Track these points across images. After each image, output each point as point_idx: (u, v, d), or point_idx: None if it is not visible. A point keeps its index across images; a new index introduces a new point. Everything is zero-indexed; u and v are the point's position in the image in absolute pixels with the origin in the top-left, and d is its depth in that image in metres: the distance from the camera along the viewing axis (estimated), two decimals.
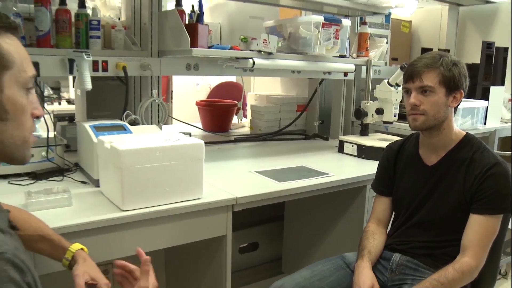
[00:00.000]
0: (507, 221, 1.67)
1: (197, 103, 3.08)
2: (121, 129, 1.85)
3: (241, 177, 1.98)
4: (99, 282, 1.18)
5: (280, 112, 3.05)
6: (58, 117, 2.88)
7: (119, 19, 2.31)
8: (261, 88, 3.47)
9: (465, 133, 1.70)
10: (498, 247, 1.68)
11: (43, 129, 1.89)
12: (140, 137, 1.63)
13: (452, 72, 1.58)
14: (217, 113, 3.04)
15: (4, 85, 0.85)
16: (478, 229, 1.56)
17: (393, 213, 1.84)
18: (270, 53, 2.19)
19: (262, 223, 2.83)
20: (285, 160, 2.33)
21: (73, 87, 2.26)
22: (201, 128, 3.02)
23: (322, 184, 1.94)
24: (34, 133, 0.96)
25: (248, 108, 3.22)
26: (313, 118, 3.09)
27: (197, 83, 5.06)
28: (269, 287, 1.72)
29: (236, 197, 1.68)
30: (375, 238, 1.75)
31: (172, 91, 4.44)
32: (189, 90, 4.87)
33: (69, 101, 4.42)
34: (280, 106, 3.04)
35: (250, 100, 3.24)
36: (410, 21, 3.64)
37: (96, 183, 1.73)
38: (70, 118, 2.48)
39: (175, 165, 1.55)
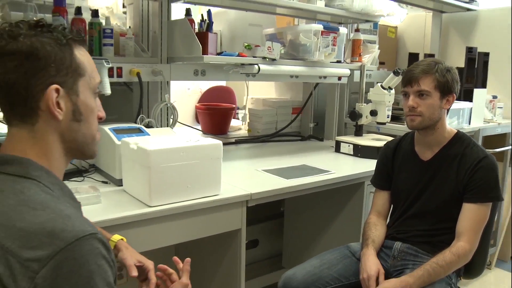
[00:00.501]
0: (494, 210, 1.85)
1: (197, 107, 3.21)
2: (138, 131, 1.98)
3: (251, 175, 2.12)
4: (145, 263, 1.31)
5: (277, 115, 3.19)
6: None
7: (129, 27, 2.42)
8: (256, 92, 3.60)
9: (456, 130, 1.88)
10: (487, 235, 1.86)
11: None
12: (162, 139, 1.76)
13: (446, 78, 1.77)
14: (217, 116, 3.17)
15: (80, 90, 0.98)
16: (471, 216, 1.74)
17: (392, 205, 2.00)
18: (274, 59, 2.34)
19: (262, 221, 2.96)
20: (286, 159, 2.48)
21: None
22: (201, 130, 3.15)
23: (326, 180, 2.09)
24: None
25: (245, 111, 3.35)
26: (308, 120, 3.25)
27: (188, 88, 5.15)
28: (281, 276, 1.86)
29: (250, 193, 1.82)
30: (377, 229, 1.91)
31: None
32: (181, 95, 4.97)
33: None
34: (276, 109, 3.19)
35: (247, 103, 3.38)
36: (396, 27, 3.82)
37: (118, 183, 1.85)
38: None
39: (196, 164, 1.68)
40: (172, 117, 2.35)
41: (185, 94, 5.10)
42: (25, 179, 0.91)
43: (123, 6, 2.55)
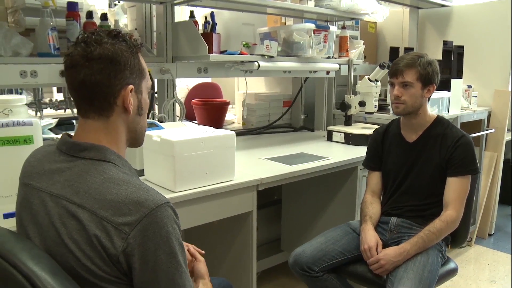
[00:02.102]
0: (474, 188, 2.11)
1: (193, 103, 3.37)
2: (154, 126, 2.14)
3: (256, 163, 2.32)
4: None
5: (269, 108, 3.39)
6: None
7: (135, 29, 2.58)
8: (245, 87, 3.77)
9: (436, 115, 2.15)
10: (468, 207, 2.11)
11: None
12: (180, 131, 1.94)
13: (427, 71, 2.02)
14: (213, 111, 3.34)
15: (142, 90, 1.18)
16: (455, 188, 2.00)
17: (384, 184, 2.23)
18: (272, 57, 2.53)
19: (260, 208, 3.14)
20: (283, 149, 2.68)
21: None
22: (198, 124, 3.31)
23: (325, 165, 2.30)
24: None
25: (237, 105, 3.54)
26: (299, 112, 3.46)
27: (176, 85, 5.30)
28: (291, 254, 2.06)
29: (260, 178, 2.02)
30: (373, 207, 2.14)
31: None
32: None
33: None
34: (269, 103, 3.38)
35: (239, 98, 3.56)
36: (375, 23, 4.05)
37: (139, 173, 2.01)
38: None
39: (214, 153, 1.87)
40: (181, 111, 2.52)
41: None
42: (104, 162, 1.10)
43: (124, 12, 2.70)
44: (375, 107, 2.86)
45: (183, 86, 5.44)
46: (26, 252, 1.01)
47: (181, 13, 2.99)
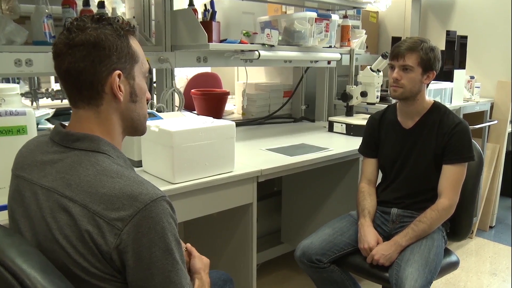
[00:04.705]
0: (479, 173, 2.09)
1: (192, 93, 3.33)
2: (152, 116, 2.09)
3: (257, 154, 2.28)
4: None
5: (269, 98, 3.34)
6: None
7: (133, 17, 2.53)
8: (245, 77, 3.73)
9: (434, 101, 2.11)
10: (473, 197, 2.09)
11: None
12: (178, 121, 1.90)
13: (429, 56, 1.98)
14: (212, 101, 3.30)
15: (135, 74, 1.12)
16: (449, 175, 1.97)
17: (381, 172, 2.21)
18: (272, 46, 2.48)
19: (260, 199, 3.11)
20: (284, 139, 2.63)
21: None
22: (197, 114, 3.27)
23: (326, 156, 2.26)
24: None
25: (237, 95, 3.49)
26: (299, 103, 3.41)
27: (175, 75, 5.26)
28: (297, 246, 2.03)
29: (260, 169, 1.98)
30: (371, 199, 2.11)
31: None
32: None
33: None
34: (269, 93, 3.34)
35: (239, 88, 3.51)
36: (377, 12, 3.99)
37: (137, 164, 1.97)
38: None
39: (213, 143, 1.83)
40: (179, 101, 2.48)
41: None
42: (97, 153, 1.05)
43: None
44: (377, 97, 2.81)
45: (182, 76, 5.39)
46: (14, 248, 0.96)
47: (181, 1, 2.93)
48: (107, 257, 0.96)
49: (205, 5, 2.41)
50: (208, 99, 3.31)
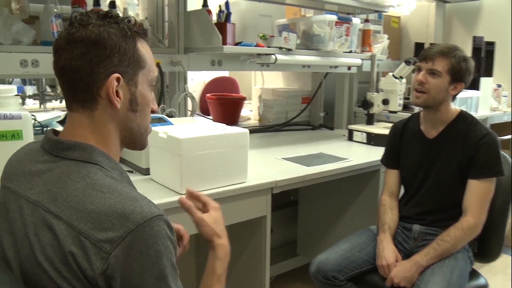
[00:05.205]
0: (510, 187, 1.93)
1: (207, 97, 3.23)
2: (162, 121, 2.00)
3: (272, 163, 2.16)
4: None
5: (287, 105, 3.23)
6: None
7: (146, 18, 2.44)
8: (263, 82, 3.63)
9: (460, 109, 1.96)
10: (504, 215, 1.94)
11: None
12: (188, 127, 1.79)
13: (461, 66, 1.83)
14: (228, 106, 3.19)
15: (138, 81, 1.00)
16: (475, 191, 1.82)
17: (403, 184, 2.06)
18: (290, 50, 2.37)
19: (275, 209, 2.99)
20: (301, 148, 2.51)
21: None
22: (212, 120, 3.17)
23: (345, 167, 2.13)
24: None
25: (254, 100, 3.39)
26: (318, 110, 3.29)
27: (192, 79, 5.17)
28: (312, 261, 1.90)
29: (275, 180, 1.86)
30: (393, 213, 1.97)
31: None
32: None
33: None
34: (286, 99, 3.22)
35: (256, 93, 3.41)
36: (399, 17, 3.86)
37: (145, 172, 1.88)
38: None
39: (225, 152, 1.71)
40: (192, 106, 2.37)
41: (189, 84, 5.13)
42: (89, 164, 0.94)
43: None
44: (400, 105, 2.68)
45: (199, 80, 5.31)
46: None
47: (196, 2, 2.83)
48: (93, 283, 0.84)
49: (219, 6, 2.30)
50: (224, 104, 3.21)
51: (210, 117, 3.22)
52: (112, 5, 2.22)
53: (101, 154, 0.97)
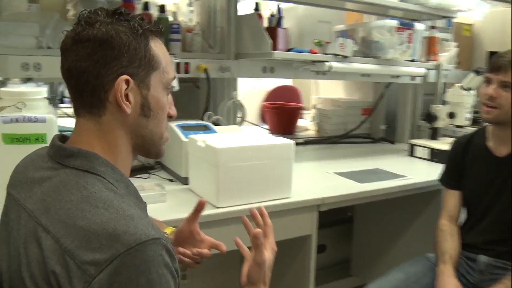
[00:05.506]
0: None
1: (264, 106, 3.14)
2: (206, 129, 1.91)
3: (322, 178, 2.01)
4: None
5: (346, 116, 3.06)
6: None
7: (197, 23, 2.38)
8: (323, 92, 3.49)
9: None
10: None
11: None
12: (230, 136, 1.68)
13: None
14: (284, 116, 3.08)
15: (151, 84, 0.90)
16: None
17: (466, 207, 1.83)
18: (346, 57, 2.22)
19: (330, 225, 2.84)
20: (357, 162, 2.34)
21: None
22: (268, 129, 3.07)
23: (401, 186, 1.95)
24: None
25: (313, 110, 3.26)
26: (379, 122, 3.10)
27: (254, 87, 5.11)
28: None
29: (322, 197, 1.71)
30: (454, 240, 1.75)
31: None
32: (246, 93, 4.95)
33: None
34: (346, 110, 3.06)
35: (314, 103, 3.28)
36: (471, 25, 3.59)
37: (184, 181, 1.79)
38: None
39: (267, 164, 1.59)
40: (240, 115, 2.27)
41: (251, 92, 5.07)
42: (90, 174, 0.84)
43: (190, 5, 2.51)
44: (467, 120, 2.45)
45: (262, 88, 5.23)
46: None
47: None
48: None
49: (272, 11, 2.19)
50: (280, 113, 3.11)
51: (266, 127, 3.12)
52: (162, 9, 2.18)
53: (105, 164, 0.87)
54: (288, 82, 4.32)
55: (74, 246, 0.73)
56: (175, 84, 1.91)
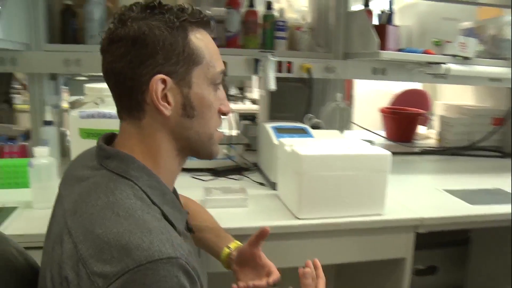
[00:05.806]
0: None
1: (382, 110, 2.93)
2: (302, 132, 1.80)
3: (427, 195, 1.78)
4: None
5: (472, 125, 2.74)
6: (242, 116, 2.97)
7: (308, 21, 2.27)
8: (449, 97, 3.18)
9: None
10: None
11: (227, 127, 1.93)
12: (322, 143, 1.55)
13: None
14: (402, 122, 2.86)
15: (193, 81, 0.83)
16: None
17: None
18: (467, 58, 1.96)
19: (443, 246, 2.56)
20: (477, 179, 2.05)
21: (258, 87, 2.29)
22: (384, 136, 2.86)
23: None
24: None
25: (436, 118, 2.98)
26: None
27: (377, 89, 4.89)
28: None
29: (421, 217, 1.51)
30: None
31: (352, 96, 4.35)
32: (371, 96, 4.73)
33: (253, 101, 4.61)
34: (472, 118, 2.74)
35: (438, 110, 2.99)
36: None
37: (273, 186, 1.70)
38: (252, 118, 2.53)
39: (357, 176, 1.43)
40: (344, 119, 2.12)
41: (375, 95, 4.85)
42: (122, 179, 0.79)
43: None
44: None
45: (387, 91, 4.98)
46: None
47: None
48: None
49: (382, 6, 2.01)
50: (397, 119, 2.89)
51: (381, 133, 2.92)
52: (269, 6, 2.12)
53: (141, 169, 0.81)
54: (418, 85, 4.04)
55: (88, 255, 0.68)
56: (271, 83, 1.82)
